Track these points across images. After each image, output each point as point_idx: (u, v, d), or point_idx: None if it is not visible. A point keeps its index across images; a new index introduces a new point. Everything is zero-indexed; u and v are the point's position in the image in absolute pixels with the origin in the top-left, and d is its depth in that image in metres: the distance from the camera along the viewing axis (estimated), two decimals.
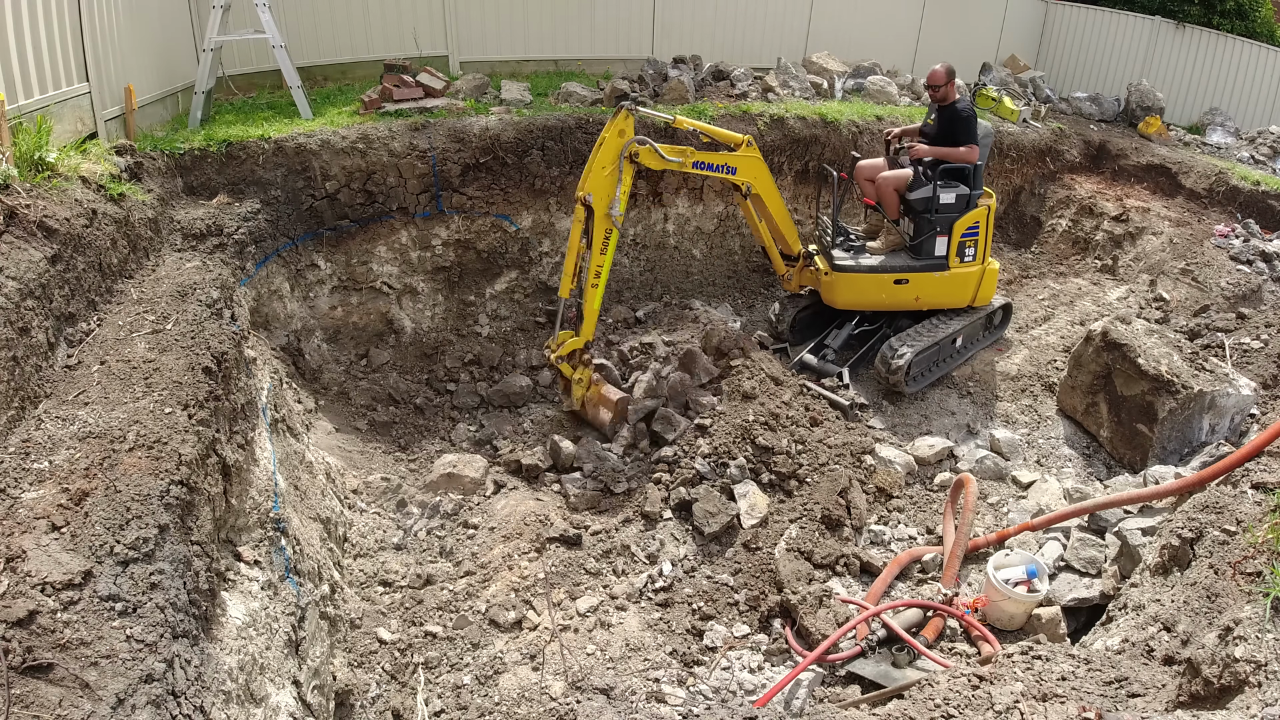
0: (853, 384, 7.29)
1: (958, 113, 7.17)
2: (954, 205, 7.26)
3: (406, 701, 4.45)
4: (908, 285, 7.50)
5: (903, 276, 7.47)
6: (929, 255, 7.40)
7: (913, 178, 7.29)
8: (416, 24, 9.63)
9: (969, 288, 7.60)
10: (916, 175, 7.30)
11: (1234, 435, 6.34)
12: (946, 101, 7.23)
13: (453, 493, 6.08)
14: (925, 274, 7.47)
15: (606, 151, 5.97)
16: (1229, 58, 13.20)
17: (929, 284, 7.52)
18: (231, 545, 3.70)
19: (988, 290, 7.75)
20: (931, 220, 7.28)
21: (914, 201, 7.30)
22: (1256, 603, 3.11)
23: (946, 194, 7.20)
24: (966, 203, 7.30)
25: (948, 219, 7.30)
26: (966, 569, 5.49)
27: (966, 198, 7.28)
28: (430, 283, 7.78)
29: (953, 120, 7.18)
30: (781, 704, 4.53)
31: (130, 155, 5.68)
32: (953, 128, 7.19)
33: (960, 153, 7.16)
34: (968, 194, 7.29)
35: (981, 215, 7.37)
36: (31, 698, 2.23)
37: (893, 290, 7.52)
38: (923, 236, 7.34)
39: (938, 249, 7.37)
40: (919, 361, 7.28)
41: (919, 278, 7.47)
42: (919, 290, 7.54)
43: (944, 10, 13.66)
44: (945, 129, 7.25)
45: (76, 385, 3.55)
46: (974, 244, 7.43)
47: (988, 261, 7.62)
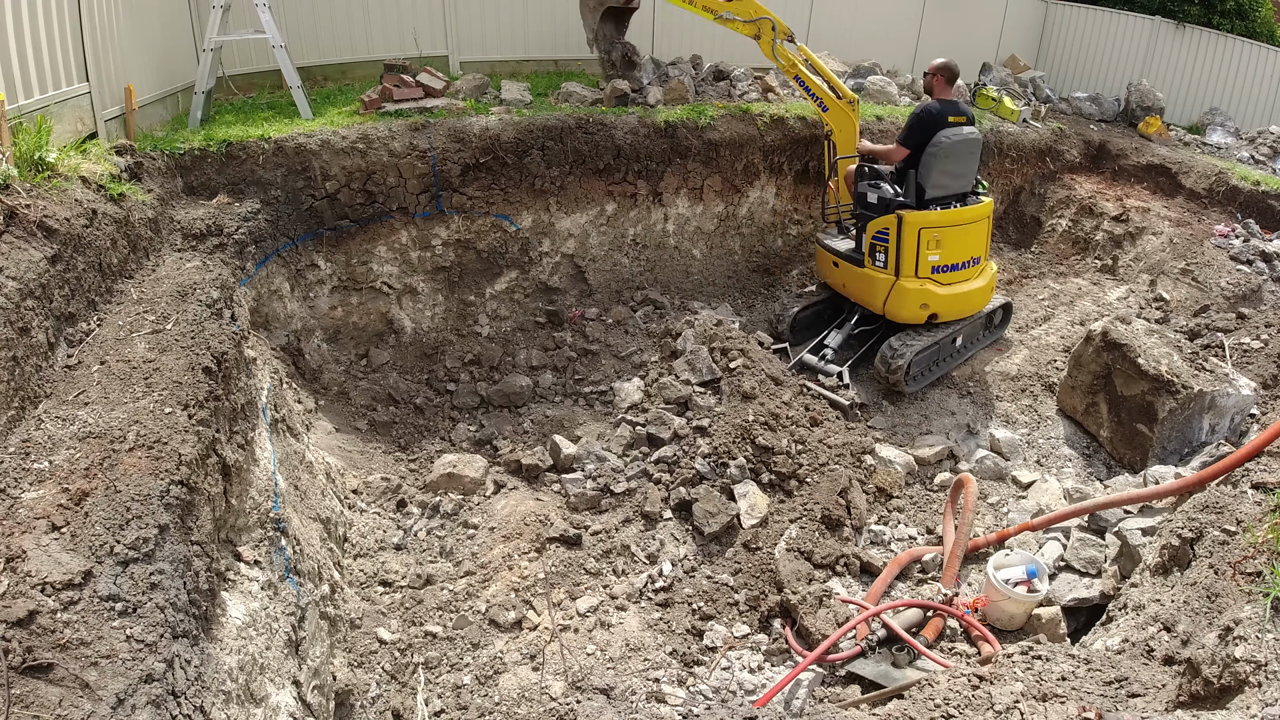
0: (853, 384, 7.30)
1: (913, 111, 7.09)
2: (875, 205, 7.30)
3: (406, 701, 4.45)
4: (838, 269, 7.78)
5: (837, 260, 7.76)
6: (858, 250, 7.60)
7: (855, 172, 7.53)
8: (416, 24, 9.63)
9: (878, 294, 7.35)
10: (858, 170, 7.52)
11: (1234, 435, 6.34)
12: (930, 96, 7.16)
13: (453, 493, 6.08)
14: (849, 265, 7.64)
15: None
16: (1229, 58, 13.20)
17: (852, 276, 7.68)
18: (231, 545, 3.70)
19: (902, 307, 7.25)
20: (858, 215, 7.54)
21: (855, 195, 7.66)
22: (1256, 603, 3.11)
23: (871, 193, 7.34)
24: (886, 206, 7.16)
25: (865, 217, 7.39)
26: (966, 569, 5.49)
27: (887, 200, 7.15)
28: (430, 283, 7.78)
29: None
30: (781, 704, 4.53)
31: (130, 155, 5.68)
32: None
33: (880, 150, 7.23)
34: (889, 197, 7.15)
35: (891, 222, 7.04)
36: (31, 698, 2.23)
37: (833, 272, 7.90)
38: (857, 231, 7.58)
39: (862, 245, 7.49)
40: (919, 361, 7.28)
41: (845, 267, 7.70)
42: (844, 278, 7.78)
43: (944, 10, 13.66)
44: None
45: (76, 385, 3.55)
46: (884, 250, 7.17)
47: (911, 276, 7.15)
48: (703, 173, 8.93)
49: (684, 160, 8.74)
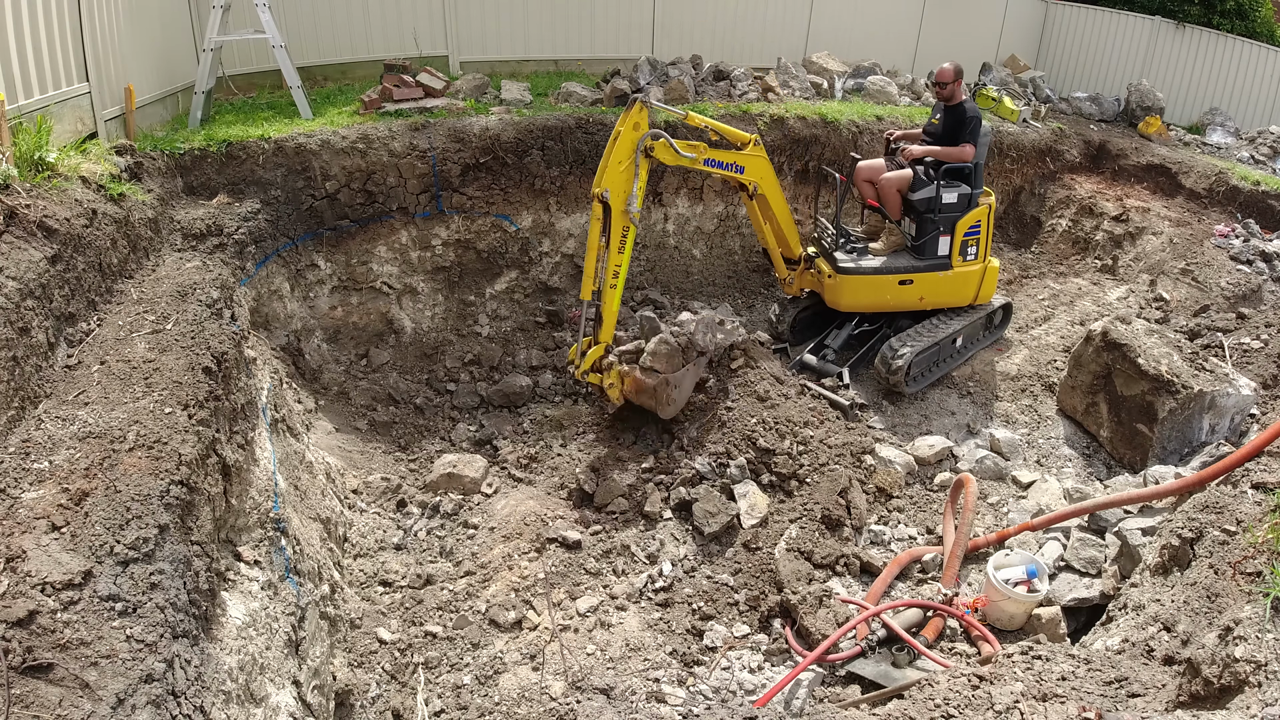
0: (853, 384, 7.29)
1: (964, 112, 7.20)
2: (956, 205, 7.29)
3: (406, 701, 4.45)
4: (912, 286, 7.51)
5: (908, 277, 7.47)
6: (932, 255, 7.42)
7: (913, 178, 7.29)
8: (416, 24, 9.63)
9: (972, 286, 7.66)
10: (916, 175, 7.30)
11: (1234, 435, 6.34)
12: (952, 100, 7.26)
13: (453, 493, 6.08)
14: (929, 274, 7.48)
15: (622, 146, 5.85)
16: (1229, 58, 13.19)
17: (933, 284, 7.53)
18: (231, 545, 3.70)
19: (989, 288, 7.81)
20: (935, 220, 7.29)
21: (916, 202, 7.30)
22: (1256, 603, 3.11)
23: (949, 194, 7.24)
24: (968, 202, 7.33)
25: (950, 218, 7.32)
26: (966, 569, 5.49)
27: (968, 197, 7.32)
28: (430, 283, 7.78)
29: (958, 119, 7.21)
30: (781, 704, 4.53)
31: (130, 155, 5.68)
32: (955, 127, 7.21)
33: (954, 151, 7.18)
34: (969, 193, 7.31)
35: (983, 214, 7.42)
36: (31, 698, 2.23)
37: (897, 291, 7.52)
38: (925, 236, 7.35)
39: (940, 249, 7.39)
40: (919, 361, 7.28)
41: (923, 278, 7.49)
42: (923, 290, 7.56)
43: (944, 10, 13.66)
44: (949, 128, 7.27)
45: (76, 385, 3.55)
46: (976, 242, 7.48)
47: (988, 260, 7.66)
48: (702, 173, 8.92)
49: None
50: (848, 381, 7.26)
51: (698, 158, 6.41)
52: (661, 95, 9.11)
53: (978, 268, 7.59)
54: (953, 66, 7.23)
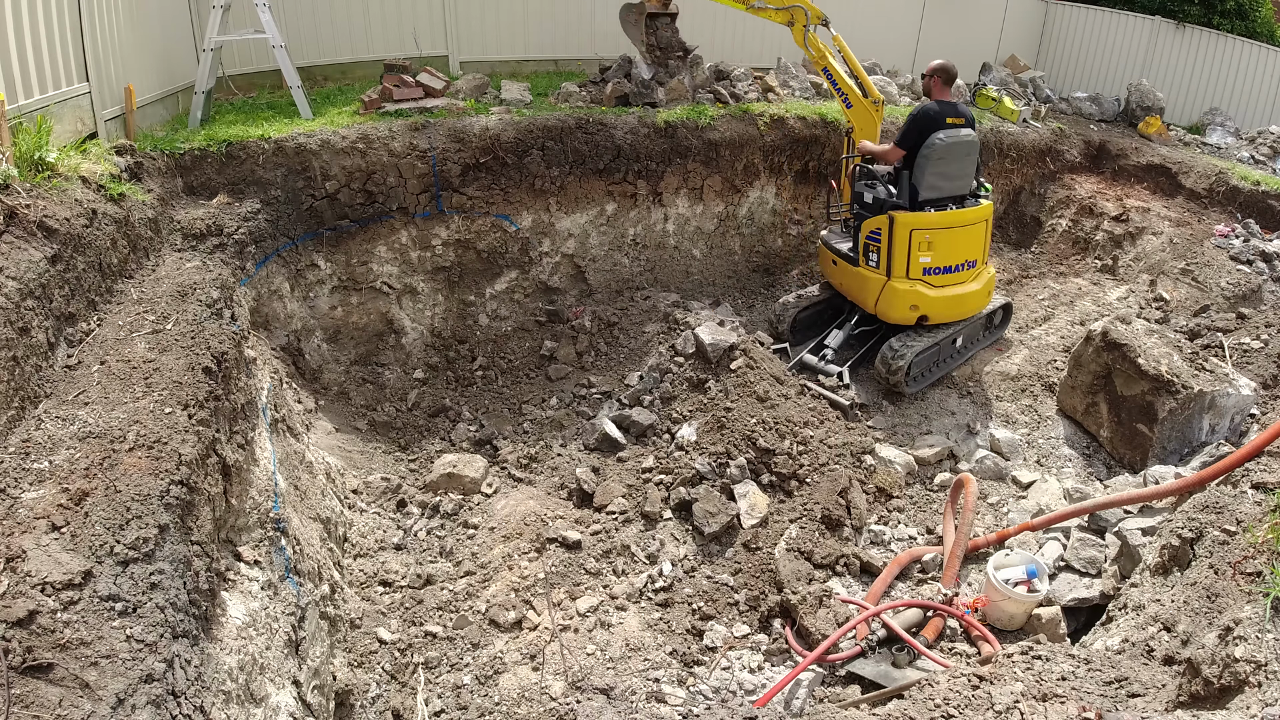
0: (853, 384, 7.30)
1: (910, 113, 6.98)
2: (870, 205, 7.30)
3: (406, 701, 4.46)
4: (836, 268, 7.82)
5: (835, 258, 7.78)
6: (855, 249, 7.56)
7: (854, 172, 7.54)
8: (416, 24, 9.63)
9: (870, 293, 7.38)
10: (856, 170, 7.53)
11: (1234, 435, 6.34)
12: (928, 98, 7.11)
13: (453, 493, 6.08)
14: (845, 263, 7.67)
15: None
16: (1229, 58, 13.20)
17: (846, 274, 7.72)
18: (231, 545, 3.70)
19: (891, 307, 7.25)
20: (855, 214, 7.54)
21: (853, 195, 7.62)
22: (1256, 603, 3.11)
23: (867, 193, 7.37)
24: (880, 206, 7.15)
25: (861, 216, 7.39)
26: (966, 569, 5.49)
27: (881, 201, 7.15)
28: (430, 283, 7.78)
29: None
30: (781, 704, 4.53)
31: (130, 155, 5.68)
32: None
33: (877, 150, 7.18)
34: (884, 197, 7.13)
35: (883, 223, 7.02)
36: (31, 698, 2.23)
37: (831, 269, 7.93)
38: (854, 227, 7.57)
39: (858, 244, 7.48)
40: (919, 362, 7.28)
41: (842, 264, 7.73)
42: (841, 276, 7.82)
43: (944, 10, 13.67)
44: None
45: (76, 385, 3.55)
46: (876, 250, 7.17)
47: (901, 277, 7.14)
48: (703, 173, 8.93)
49: (684, 160, 8.74)
50: (848, 381, 7.26)
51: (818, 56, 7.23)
52: (662, 95, 9.11)
53: (877, 276, 7.25)
54: (936, 63, 7.03)
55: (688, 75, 9.55)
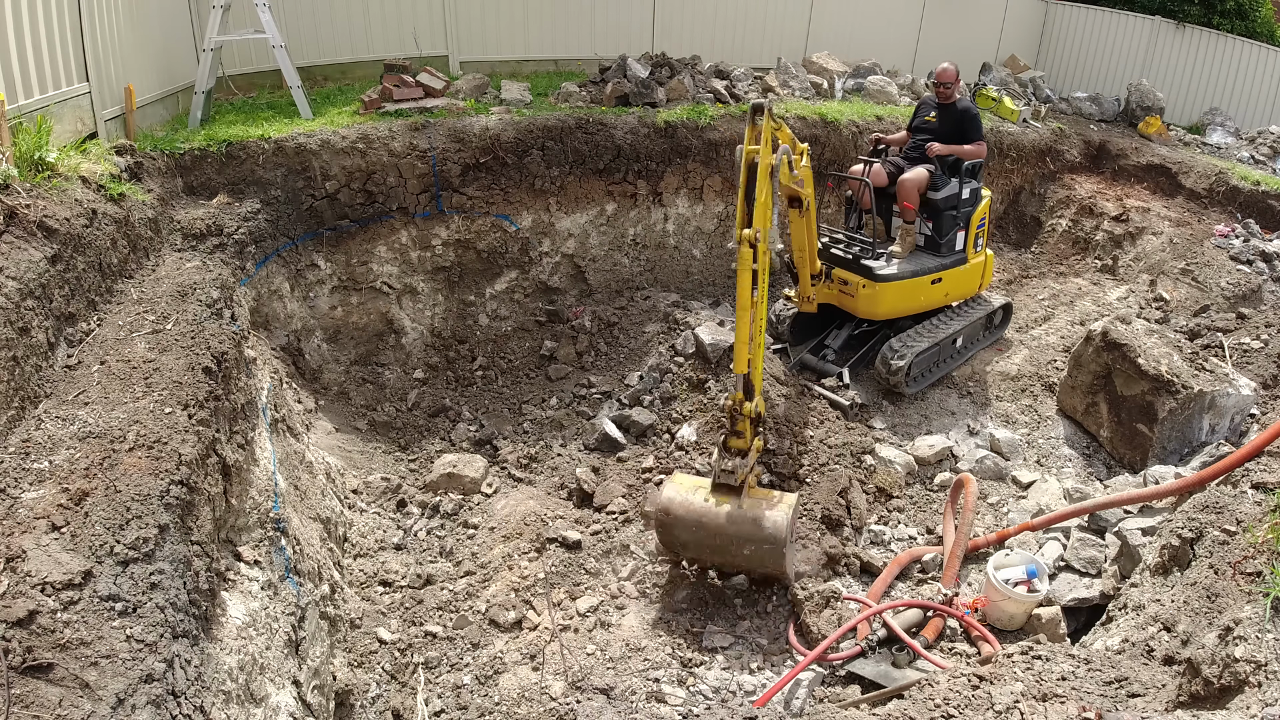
0: (853, 384, 7.29)
1: (969, 111, 7.44)
2: (969, 200, 7.51)
3: (406, 701, 4.45)
4: (940, 284, 7.57)
5: (938, 276, 7.48)
6: (951, 251, 7.55)
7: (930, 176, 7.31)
8: (416, 24, 9.63)
9: (979, 276, 7.98)
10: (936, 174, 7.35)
11: (1234, 435, 6.34)
12: (951, 100, 7.39)
13: (453, 493, 6.08)
14: (953, 270, 7.59)
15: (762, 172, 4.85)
16: (1229, 58, 13.20)
17: (955, 279, 7.67)
18: (231, 545, 3.70)
19: (989, 276, 8.18)
20: (955, 217, 7.46)
21: (939, 200, 7.32)
22: (1256, 603, 3.11)
23: (968, 187, 7.46)
24: (976, 197, 7.59)
25: (967, 214, 7.55)
26: (966, 569, 5.49)
27: (977, 191, 7.58)
28: (430, 283, 7.78)
29: (964, 118, 7.40)
30: (781, 704, 4.53)
31: (130, 155, 5.68)
32: (963, 125, 7.40)
33: (974, 149, 7.41)
34: (977, 188, 7.57)
35: (986, 207, 7.74)
36: (31, 698, 2.23)
37: (929, 291, 7.51)
38: (947, 234, 7.46)
39: (957, 244, 7.59)
40: (919, 362, 7.29)
41: (949, 274, 7.59)
42: (949, 287, 7.67)
43: (944, 10, 13.67)
44: (956, 127, 7.41)
45: (76, 385, 3.55)
46: (980, 234, 7.78)
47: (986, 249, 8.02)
48: (703, 173, 8.93)
49: (684, 160, 8.74)
50: (848, 382, 7.26)
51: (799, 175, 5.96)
52: (662, 95, 9.11)
53: (983, 258, 7.93)
54: (954, 67, 7.38)
55: (688, 75, 9.56)
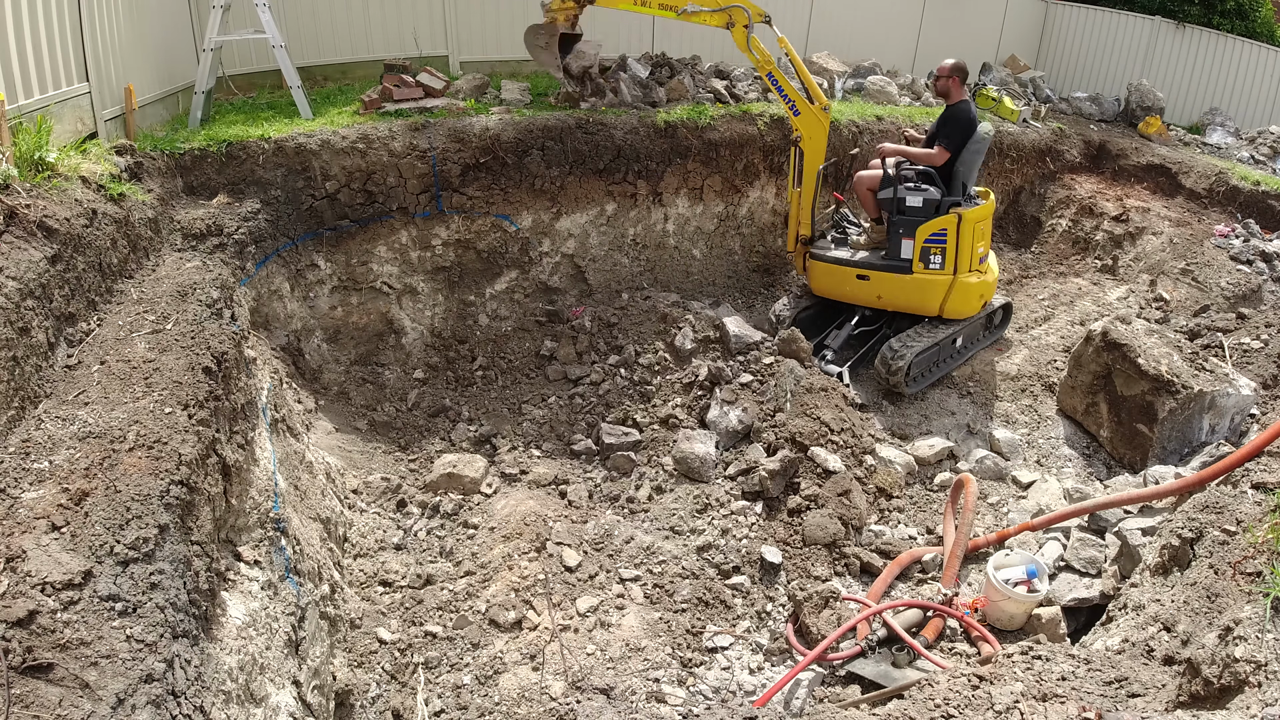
0: (853, 384, 7.30)
1: (949, 113, 7.14)
2: (921, 209, 7.12)
3: (406, 701, 4.46)
4: (869, 283, 7.51)
5: (865, 273, 7.48)
6: (894, 256, 7.33)
7: (883, 178, 7.25)
8: (416, 24, 9.63)
9: (935, 296, 7.32)
10: (886, 175, 7.26)
11: (1234, 435, 6.34)
12: (949, 98, 7.21)
13: (453, 493, 6.08)
14: (887, 274, 7.40)
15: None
16: (1229, 58, 13.20)
17: (891, 285, 7.44)
18: (231, 545, 3.70)
19: (963, 303, 7.36)
20: (895, 223, 7.25)
21: (881, 201, 7.33)
22: (1256, 603, 3.11)
23: (914, 197, 7.11)
24: (935, 207, 7.11)
25: (912, 222, 7.16)
26: (966, 569, 5.49)
27: (935, 202, 7.10)
28: (430, 283, 7.78)
29: (941, 120, 7.19)
30: (781, 704, 4.53)
31: (130, 155, 5.67)
32: (937, 127, 7.18)
33: (921, 153, 7.11)
34: (937, 199, 7.11)
35: (950, 222, 7.05)
36: (31, 698, 2.23)
37: (855, 285, 7.55)
38: (890, 237, 7.35)
39: (904, 251, 7.26)
40: (919, 362, 7.28)
41: (880, 277, 7.44)
42: (880, 289, 7.51)
43: (944, 10, 13.66)
44: (935, 128, 7.26)
45: (76, 385, 3.55)
46: (940, 251, 7.14)
47: (967, 272, 7.23)
48: (703, 173, 8.93)
49: (684, 160, 8.74)
50: (848, 381, 7.26)
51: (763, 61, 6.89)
52: (663, 95, 9.11)
53: (943, 278, 7.21)
54: (950, 64, 7.14)
55: (688, 75, 9.56)
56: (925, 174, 7.17)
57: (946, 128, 7.06)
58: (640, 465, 6.33)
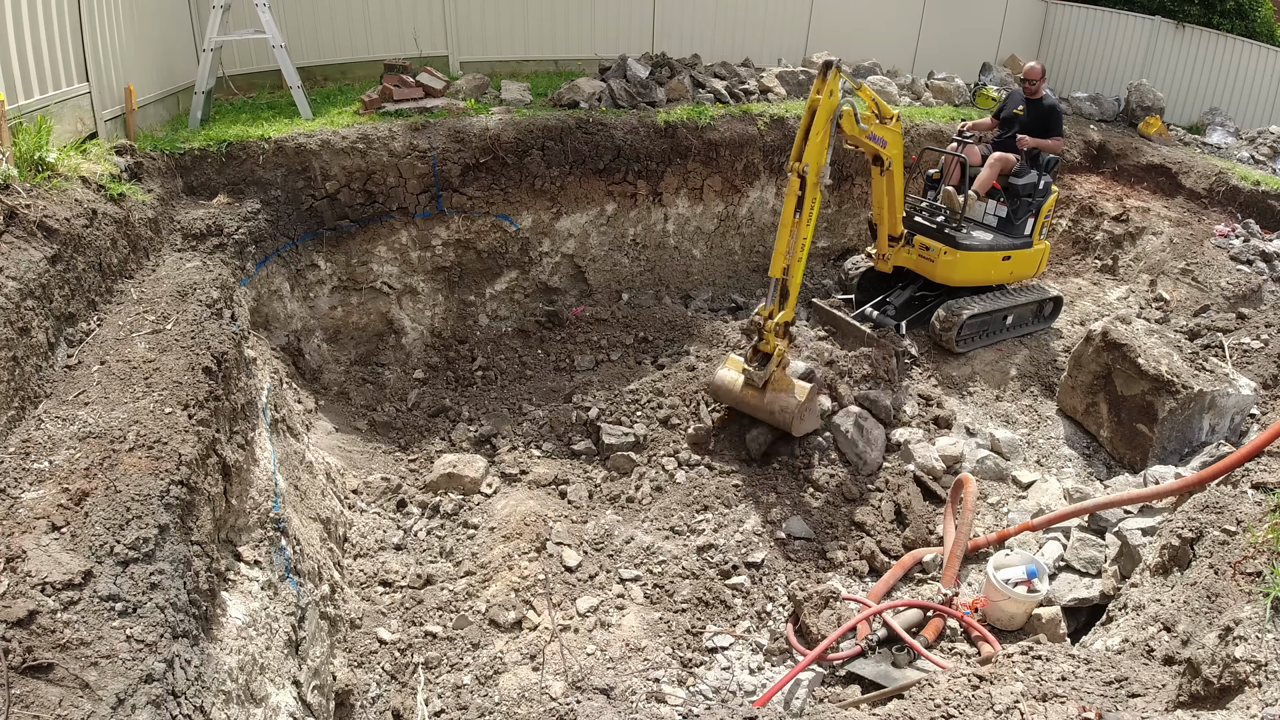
0: (908, 336, 7.77)
1: (1055, 109, 8.02)
2: (1043, 191, 8.02)
3: (406, 701, 4.45)
4: (1009, 261, 8.13)
5: (1008, 254, 8.09)
6: (1020, 234, 8.09)
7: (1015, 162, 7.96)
8: (416, 24, 9.63)
9: (1039, 261, 8.40)
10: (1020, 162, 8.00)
11: (1234, 435, 6.34)
12: (1036, 96, 7.97)
13: (453, 493, 6.08)
14: (1020, 250, 8.12)
15: (821, 115, 5.84)
16: (1229, 58, 13.19)
17: (1021, 259, 8.19)
18: (231, 545, 3.70)
19: (1044, 263, 8.57)
20: (1030, 203, 7.99)
21: (1019, 186, 7.95)
22: (1256, 603, 3.11)
23: (1042, 181, 7.98)
24: (1048, 189, 8.06)
25: (1039, 203, 8.02)
26: (966, 569, 5.49)
27: (1049, 185, 8.06)
28: (430, 283, 7.78)
29: (1049, 115, 7.97)
30: (781, 704, 4.53)
31: (130, 155, 5.67)
32: (1047, 121, 7.94)
33: (1056, 144, 8.04)
34: (1049, 181, 8.06)
35: (1053, 202, 8.23)
36: (31, 698, 2.23)
37: (1000, 267, 8.12)
38: (1021, 218, 8.04)
39: (1027, 228, 8.10)
40: (970, 324, 7.76)
41: (1017, 254, 8.13)
42: (1014, 266, 8.20)
43: (944, 10, 13.66)
44: (1041, 121, 7.95)
45: (76, 385, 3.55)
46: (1047, 224, 8.27)
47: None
48: (703, 173, 8.93)
49: (684, 160, 8.74)
50: (904, 333, 7.79)
51: (869, 129, 6.53)
52: (663, 95, 9.11)
53: (1044, 245, 8.37)
54: (1040, 65, 8.04)
55: (688, 75, 9.56)
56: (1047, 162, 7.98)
57: (1060, 120, 8.01)
58: (640, 465, 6.33)
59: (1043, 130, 7.95)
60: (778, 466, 6.23)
